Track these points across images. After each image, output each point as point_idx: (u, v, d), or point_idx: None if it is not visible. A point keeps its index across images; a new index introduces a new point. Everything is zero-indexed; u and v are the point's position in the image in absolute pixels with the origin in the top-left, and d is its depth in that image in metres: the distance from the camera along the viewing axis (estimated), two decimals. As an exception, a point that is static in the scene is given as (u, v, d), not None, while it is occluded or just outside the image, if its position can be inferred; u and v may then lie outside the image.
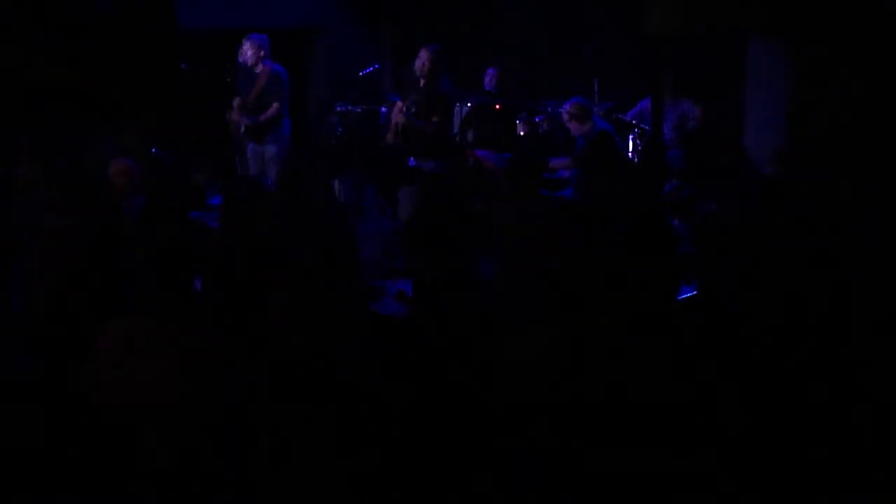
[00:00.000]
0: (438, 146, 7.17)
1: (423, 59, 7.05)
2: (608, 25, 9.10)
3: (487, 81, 8.87)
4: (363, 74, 9.06)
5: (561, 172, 7.41)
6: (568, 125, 7.12)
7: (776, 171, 5.80)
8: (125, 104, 6.49)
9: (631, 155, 7.85)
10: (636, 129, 7.86)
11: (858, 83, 6.03)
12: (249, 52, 7.43)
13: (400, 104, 7.30)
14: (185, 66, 8.08)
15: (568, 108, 7.05)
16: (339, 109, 8.99)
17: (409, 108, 7.09)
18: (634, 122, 7.87)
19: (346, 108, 8.97)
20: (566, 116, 7.08)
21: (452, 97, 7.44)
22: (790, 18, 6.35)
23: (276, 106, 7.46)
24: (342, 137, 8.90)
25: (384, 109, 8.53)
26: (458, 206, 4.91)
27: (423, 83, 7.10)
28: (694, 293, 4.14)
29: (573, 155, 7.13)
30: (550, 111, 8.27)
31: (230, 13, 8.53)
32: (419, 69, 7.08)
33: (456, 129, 8.15)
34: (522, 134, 8.30)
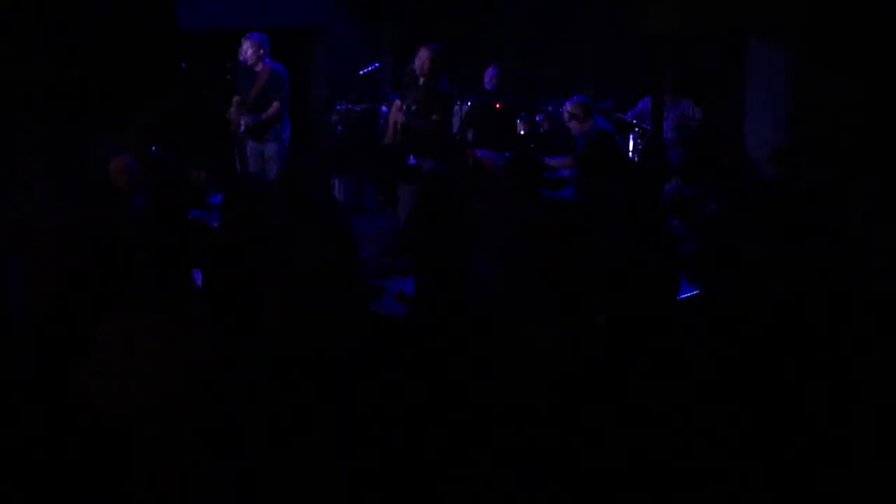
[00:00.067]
0: (438, 145, 7.16)
1: (422, 57, 7.03)
2: (608, 25, 9.10)
3: (487, 80, 8.86)
4: (363, 73, 9.05)
5: (561, 172, 7.41)
6: (568, 124, 7.10)
7: (776, 171, 5.80)
8: (125, 103, 6.50)
9: (631, 154, 7.85)
10: (636, 128, 7.85)
11: (858, 83, 6.04)
12: (249, 51, 7.43)
13: (398, 103, 7.29)
14: (185, 64, 8.08)
15: (568, 107, 7.04)
16: (339, 108, 8.98)
17: (409, 106, 7.09)
18: (635, 121, 7.87)
19: (346, 107, 8.96)
20: (566, 115, 7.07)
21: (452, 96, 7.44)
22: (790, 18, 6.35)
23: (276, 104, 7.45)
24: (342, 136, 8.89)
25: (384, 108, 8.51)
26: (457, 205, 4.90)
27: (422, 82, 7.09)
28: (694, 293, 4.14)
29: (573, 154, 7.12)
30: (551, 110, 8.26)
31: (230, 13, 8.52)
32: (419, 68, 7.06)
33: (456, 128, 8.14)
34: (522, 133, 8.29)
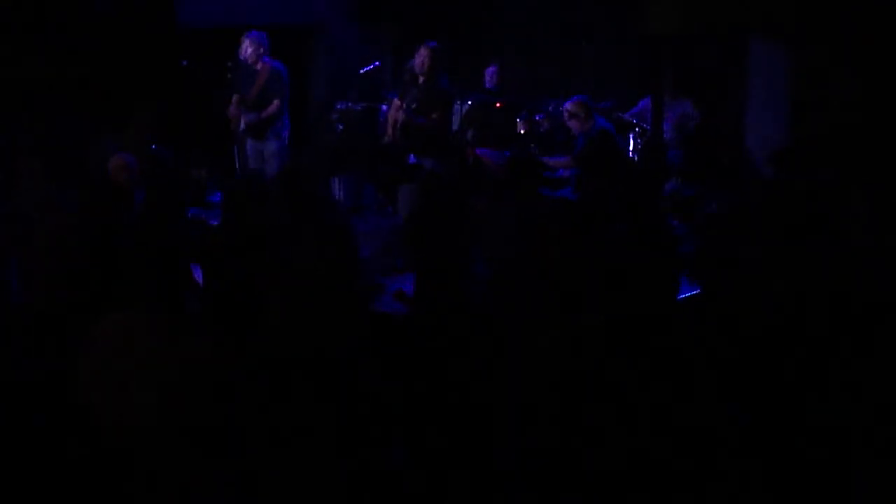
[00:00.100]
0: (438, 144, 7.16)
1: (422, 56, 7.03)
2: (609, 24, 9.10)
3: (488, 79, 8.86)
4: (364, 72, 9.05)
5: (561, 171, 7.40)
6: (568, 124, 7.10)
7: (776, 171, 5.80)
8: (125, 102, 6.50)
9: (631, 154, 7.85)
10: (637, 128, 7.85)
11: (858, 83, 6.04)
12: (249, 49, 7.42)
13: (397, 102, 7.29)
14: (185, 63, 8.08)
15: (569, 106, 7.04)
16: (339, 107, 8.98)
17: (409, 105, 7.09)
18: (635, 121, 7.87)
19: (346, 105, 8.96)
20: (566, 115, 7.06)
21: (452, 94, 7.43)
22: (790, 18, 6.36)
23: (276, 103, 7.45)
24: (342, 135, 8.89)
25: (385, 107, 8.51)
26: (457, 204, 4.90)
27: (422, 80, 7.08)
28: (694, 293, 4.14)
29: (573, 154, 7.12)
30: (551, 110, 8.26)
31: (231, 10, 8.52)
32: (419, 66, 7.06)
33: (456, 127, 8.13)
34: (523, 132, 8.29)
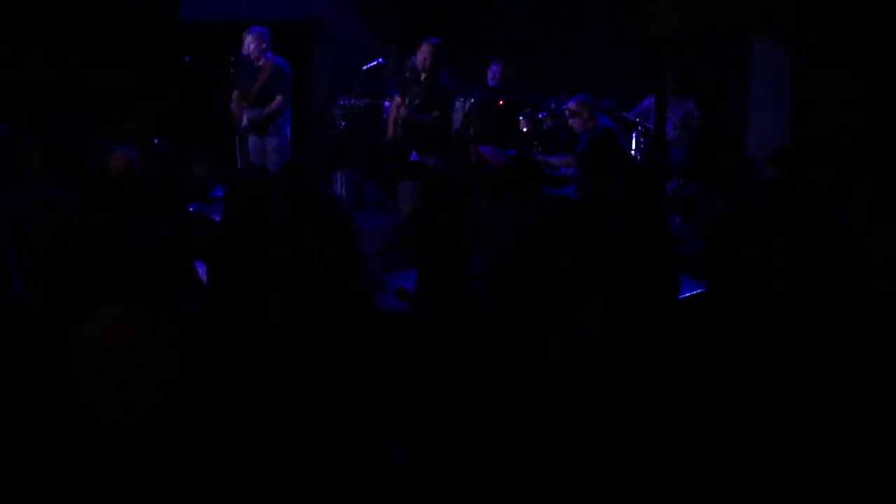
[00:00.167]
0: (440, 140, 7.16)
1: (424, 52, 7.02)
2: (611, 23, 9.09)
3: (491, 77, 8.85)
4: (366, 69, 9.04)
5: (563, 170, 7.40)
6: (570, 122, 7.09)
7: (776, 170, 5.80)
8: (126, 99, 6.50)
9: (634, 153, 7.84)
10: (639, 127, 7.85)
11: (858, 83, 6.04)
12: (252, 45, 7.41)
13: (398, 99, 7.28)
14: (187, 58, 8.08)
15: (571, 105, 7.03)
16: (341, 103, 8.97)
17: (410, 101, 7.08)
18: (637, 120, 7.86)
19: (348, 102, 8.95)
20: (568, 114, 7.06)
21: (453, 91, 7.43)
22: (791, 18, 6.35)
23: (279, 99, 7.44)
24: (344, 131, 8.89)
25: (387, 104, 8.51)
26: (459, 202, 4.90)
27: (423, 77, 7.07)
28: (694, 293, 4.14)
29: (575, 152, 7.11)
30: (554, 108, 8.25)
31: (233, 6, 8.52)
32: (420, 63, 7.05)
33: (458, 124, 8.12)
34: (525, 130, 8.28)
